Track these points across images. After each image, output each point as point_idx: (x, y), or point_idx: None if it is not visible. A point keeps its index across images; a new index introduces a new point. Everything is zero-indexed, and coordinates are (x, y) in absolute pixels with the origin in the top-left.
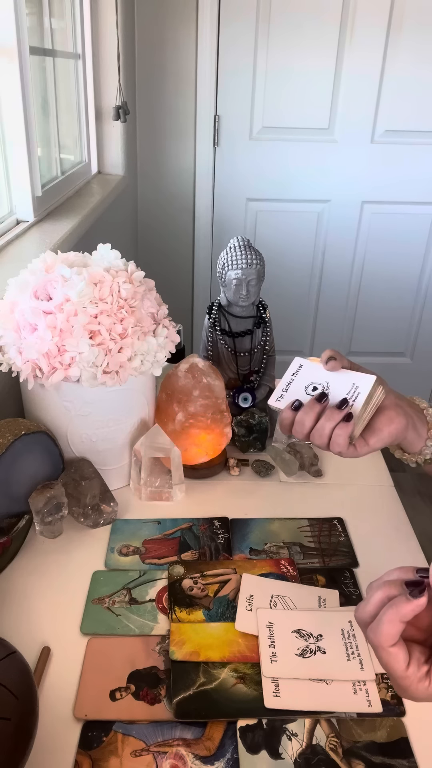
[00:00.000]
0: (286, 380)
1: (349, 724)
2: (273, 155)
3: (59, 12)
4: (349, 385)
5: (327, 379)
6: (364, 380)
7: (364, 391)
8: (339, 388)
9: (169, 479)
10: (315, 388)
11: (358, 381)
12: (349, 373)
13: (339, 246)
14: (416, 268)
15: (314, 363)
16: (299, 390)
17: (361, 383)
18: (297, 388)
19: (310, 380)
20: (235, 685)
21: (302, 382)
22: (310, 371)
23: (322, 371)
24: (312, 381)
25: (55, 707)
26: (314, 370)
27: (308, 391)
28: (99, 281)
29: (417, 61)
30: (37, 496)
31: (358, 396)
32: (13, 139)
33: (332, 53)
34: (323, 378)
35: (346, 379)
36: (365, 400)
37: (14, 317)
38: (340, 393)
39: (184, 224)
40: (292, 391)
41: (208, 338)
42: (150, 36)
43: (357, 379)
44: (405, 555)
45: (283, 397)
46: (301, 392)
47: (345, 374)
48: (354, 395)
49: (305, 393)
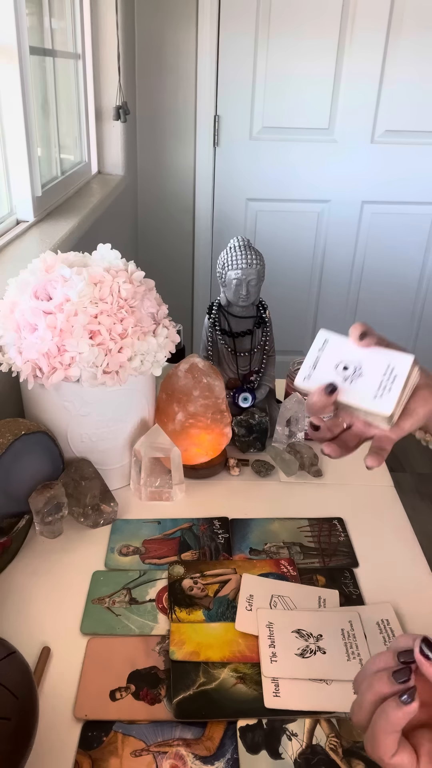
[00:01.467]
0: (312, 356)
1: (349, 724)
2: (273, 155)
3: (59, 12)
4: (384, 366)
5: (359, 357)
6: (401, 361)
7: (401, 373)
8: (373, 369)
9: (169, 479)
10: (346, 367)
11: (394, 361)
12: (384, 352)
13: (339, 246)
14: (416, 267)
15: (342, 337)
16: (328, 369)
17: (397, 364)
18: (325, 367)
19: (340, 358)
20: (235, 685)
21: (331, 360)
22: (338, 347)
23: (352, 347)
24: (342, 359)
25: (55, 707)
26: (343, 346)
27: (339, 370)
28: (99, 281)
29: (417, 62)
30: (37, 496)
31: (395, 379)
32: (13, 139)
33: (332, 53)
34: (354, 356)
35: (381, 359)
36: (404, 381)
37: (14, 317)
38: (375, 375)
39: (184, 224)
40: (320, 369)
41: (208, 338)
42: (150, 36)
43: (392, 359)
44: (405, 555)
45: (310, 377)
46: (330, 371)
47: (379, 353)
48: (391, 377)
49: (335, 373)
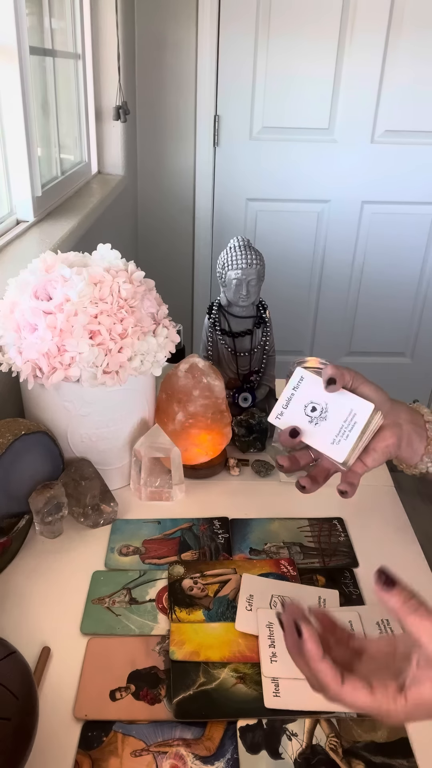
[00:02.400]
0: (287, 395)
1: (349, 724)
2: (273, 155)
3: (59, 12)
4: (347, 411)
5: (326, 399)
6: (362, 408)
7: (360, 420)
8: (336, 413)
9: (169, 479)
10: (314, 408)
11: (356, 408)
12: (349, 397)
13: (339, 246)
14: (416, 268)
15: (315, 377)
16: (298, 409)
17: (359, 411)
18: (296, 406)
19: (310, 398)
20: (235, 685)
21: (302, 400)
22: (311, 386)
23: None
24: (312, 399)
25: (55, 707)
26: (315, 386)
27: (307, 411)
28: (99, 281)
29: (417, 62)
30: (37, 496)
31: (354, 426)
32: (13, 139)
33: (332, 53)
34: (323, 398)
35: (345, 404)
36: (361, 429)
37: (14, 317)
38: (338, 419)
39: (184, 224)
40: (291, 408)
41: (208, 338)
42: (150, 36)
43: (355, 405)
44: (405, 555)
45: (282, 415)
46: (300, 412)
47: (345, 397)
48: (350, 424)
49: (304, 413)
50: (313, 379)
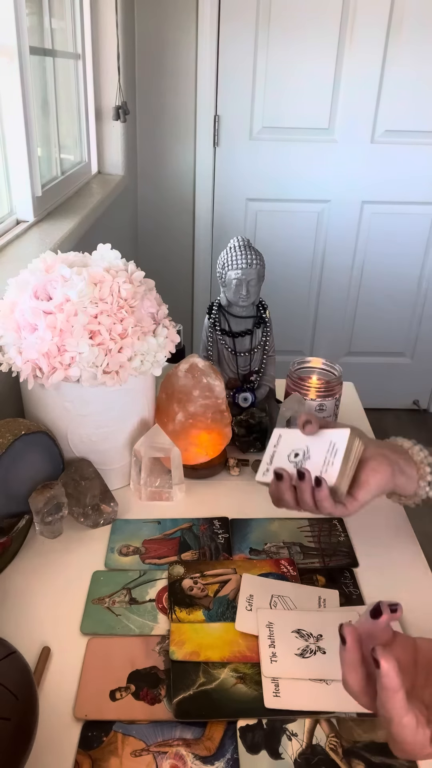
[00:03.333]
0: (269, 453)
1: (349, 724)
2: (273, 155)
3: (59, 12)
4: (327, 444)
5: (306, 443)
6: (340, 435)
7: (341, 446)
8: (318, 450)
9: (169, 479)
10: (297, 454)
11: (335, 437)
12: (325, 432)
13: (339, 246)
14: (416, 268)
15: (292, 430)
16: (282, 460)
17: (337, 439)
18: (280, 459)
19: (291, 447)
20: (235, 685)
21: (284, 452)
22: (290, 439)
23: (301, 436)
24: (293, 448)
25: (55, 707)
26: (294, 437)
27: (291, 458)
28: (99, 281)
29: (417, 62)
30: (37, 496)
31: (336, 453)
32: (13, 139)
33: (332, 53)
34: (303, 443)
35: (323, 439)
36: (344, 454)
37: (14, 317)
38: (320, 453)
39: (184, 224)
40: (275, 462)
41: (208, 338)
42: (150, 36)
43: (333, 436)
44: (405, 555)
45: (268, 471)
46: (284, 462)
47: (321, 434)
48: (333, 452)
49: (288, 461)
50: (290, 432)
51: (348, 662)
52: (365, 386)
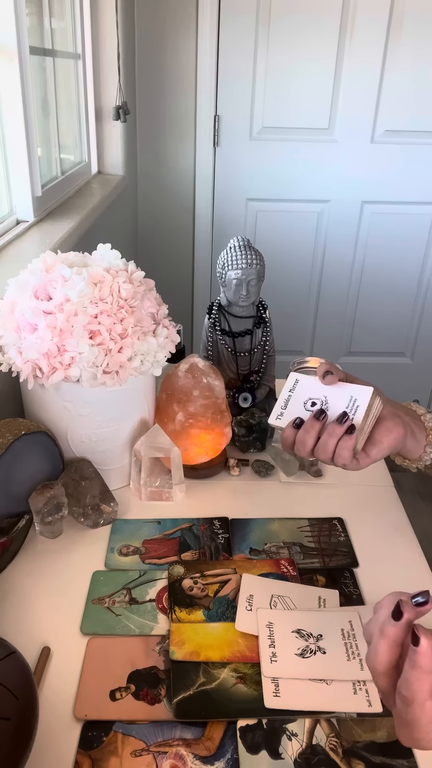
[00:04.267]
0: (284, 397)
1: (349, 724)
2: (273, 155)
3: (59, 12)
4: (347, 399)
5: (324, 393)
6: (362, 392)
7: (362, 403)
8: (337, 402)
9: (169, 479)
10: (314, 403)
11: (356, 393)
12: (346, 386)
13: (339, 246)
14: (416, 267)
15: (310, 377)
16: (298, 406)
17: (359, 395)
18: (295, 405)
19: (308, 395)
20: (235, 685)
21: (300, 398)
22: (307, 386)
23: (319, 385)
24: (310, 396)
25: (55, 707)
26: (311, 385)
27: (307, 407)
28: (99, 281)
29: (417, 61)
30: (37, 496)
31: (357, 409)
32: (13, 139)
33: (332, 53)
34: (321, 392)
35: (344, 393)
36: (365, 412)
37: (14, 317)
38: (339, 407)
39: (184, 224)
40: (290, 408)
41: (208, 338)
42: (150, 36)
43: (354, 391)
44: (405, 555)
45: (282, 415)
46: (300, 409)
47: (342, 387)
48: (353, 408)
49: (304, 409)
50: (308, 379)
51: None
52: None
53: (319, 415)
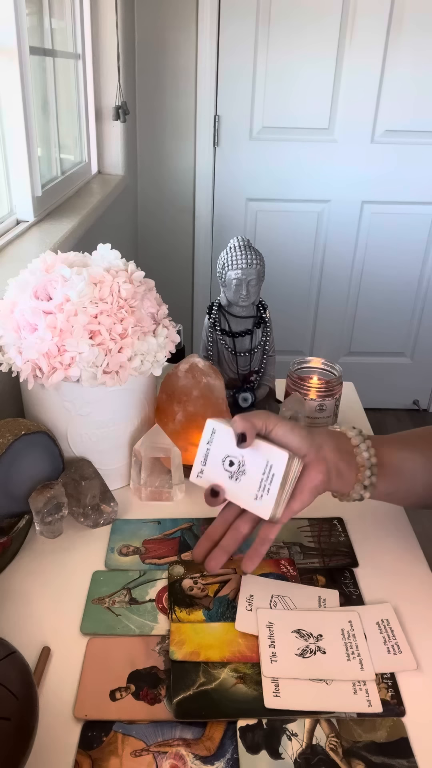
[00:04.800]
0: (203, 450)
1: (349, 724)
2: (273, 155)
3: (59, 12)
4: (263, 464)
5: (242, 452)
6: (278, 459)
7: (278, 471)
8: (254, 466)
9: (169, 479)
10: (231, 462)
11: (272, 458)
12: (263, 448)
13: (339, 246)
14: (416, 268)
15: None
16: (216, 465)
17: (274, 461)
18: (214, 462)
19: (226, 452)
20: (235, 685)
21: (219, 455)
22: (224, 439)
23: None
24: (227, 453)
25: (55, 707)
26: (229, 438)
27: (225, 466)
28: (99, 281)
29: (417, 61)
30: (37, 496)
31: (273, 478)
32: (13, 139)
33: (332, 53)
34: (239, 451)
35: (260, 456)
36: (281, 479)
37: (14, 317)
38: (256, 472)
39: (184, 224)
40: (210, 464)
41: (208, 338)
42: (150, 36)
43: (270, 456)
44: (405, 555)
45: (203, 473)
46: (218, 468)
47: (258, 449)
48: (269, 476)
49: (223, 469)
50: (226, 431)
51: None
52: (365, 386)
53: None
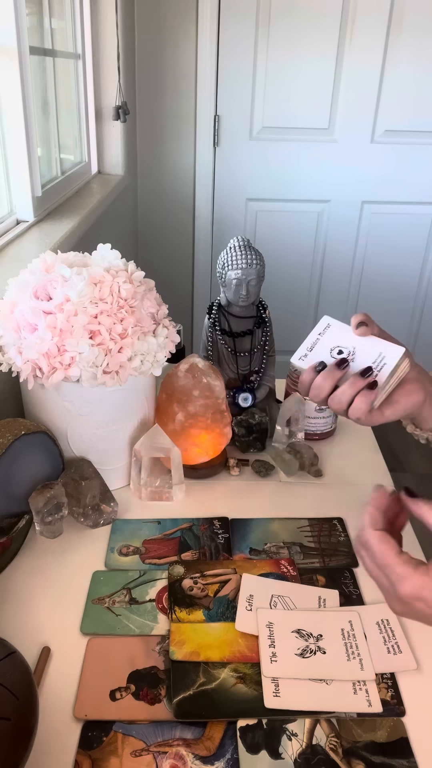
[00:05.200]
0: (312, 339)
1: (349, 724)
2: (273, 155)
3: (59, 12)
4: (376, 354)
5: (354, 344)
6: (392, 351)
7: (390, 362)
8: (365, 356)
9: (169, 479)
10: (340, 351)
11: (386, 351)
12: (378, 341)
13: (339, 246)
14: (416, 267)
15: (343, 324)
16: (323, 351)
17: (388, 353)
18: (322, 349)
19: (336, 343)
20: (235, 685)
21: (328, 344)
22: (337, 333)
23: (350, 335)
24: (338, 344)
25: (55, 707)
26: (342, 333)
27: (333, 354)
28: (99, 281)
29: (417, 61)
30: (37, 496)
31: (383, 366)
32: (13, 139)
33: (332, 53)
34: (350, 342)
35: (374, 347)
36: (390, 371)
37: (14, 317)
38: (366, 361)
39: (184, 224)
40: (316, 351)
41: (208, 338)
42: (150, 36)
43: (385, 348)
44: None
45: (306, 357)
46: (325, 354)
47: (373, 341)
48: (380, 365)
49: (330, 356)
50: (340, 326)
51: None
52: None
53: (341, 363)
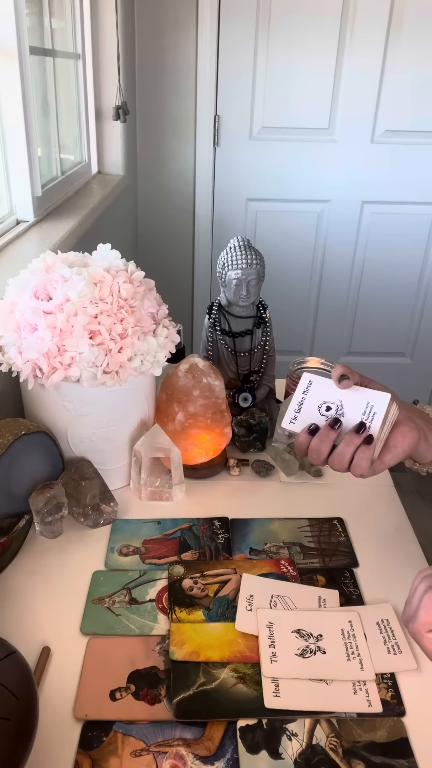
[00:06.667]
0: (298, 399)
1: (349, 724)
2: (273, 155)
3: (59, 12)
4: (364, 405)
5: (340, 397)
6: (379, 398)
7: (380, 410)
8: (353, 408)
9: (169, 479)
10: (329, 407)
11: (373, 399)
12: (363, 391)
13: (339, 246)
14: (416, 268)
15: (324, 379)
16: (312, 410)
17: (376, 402)
18: (310, 408)
19: (323, 399)
20: (235, 685)
21: (314, 401)
22: (321, 389)
23: (333, 388)
24: (324, 400)
25: (55, 707)
26: (325, 388)
27: (322, 411)
28: (99, 281)
29: (417, 61)
30: (37, 496)
31: (374, 416)
32: (13, 139)
33: (332, 53)
34: (336, 396)
35: (361, 397)
36: (382, 420)
37: (14, 317)
38: (355, 413)
39: (184, 224)
40: (305, 411)
41: (208, 338)
42: (150, 36)
43: (371, 397)
44: (405, 555)
45: (297, 419)
46: (314, 412)
47: (358, 392)
48: (370, 416)
49: (319, 414)
50: (322, 381)
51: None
52: None
53: (335, 423)
